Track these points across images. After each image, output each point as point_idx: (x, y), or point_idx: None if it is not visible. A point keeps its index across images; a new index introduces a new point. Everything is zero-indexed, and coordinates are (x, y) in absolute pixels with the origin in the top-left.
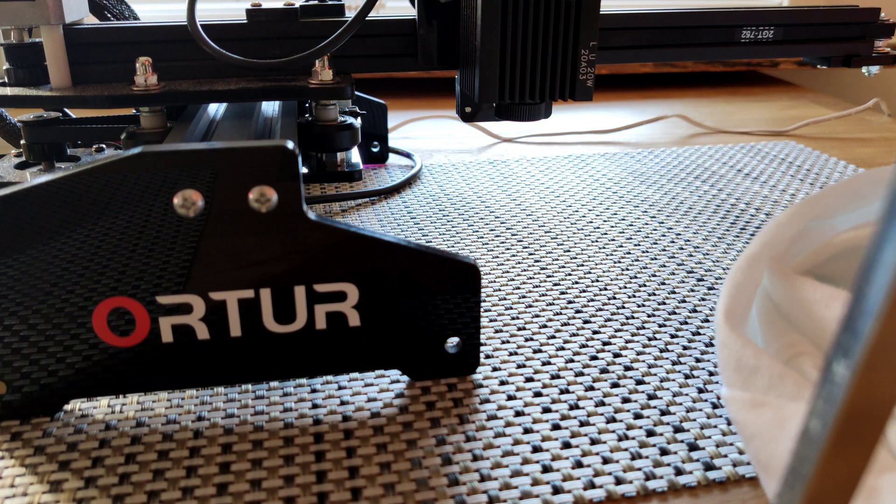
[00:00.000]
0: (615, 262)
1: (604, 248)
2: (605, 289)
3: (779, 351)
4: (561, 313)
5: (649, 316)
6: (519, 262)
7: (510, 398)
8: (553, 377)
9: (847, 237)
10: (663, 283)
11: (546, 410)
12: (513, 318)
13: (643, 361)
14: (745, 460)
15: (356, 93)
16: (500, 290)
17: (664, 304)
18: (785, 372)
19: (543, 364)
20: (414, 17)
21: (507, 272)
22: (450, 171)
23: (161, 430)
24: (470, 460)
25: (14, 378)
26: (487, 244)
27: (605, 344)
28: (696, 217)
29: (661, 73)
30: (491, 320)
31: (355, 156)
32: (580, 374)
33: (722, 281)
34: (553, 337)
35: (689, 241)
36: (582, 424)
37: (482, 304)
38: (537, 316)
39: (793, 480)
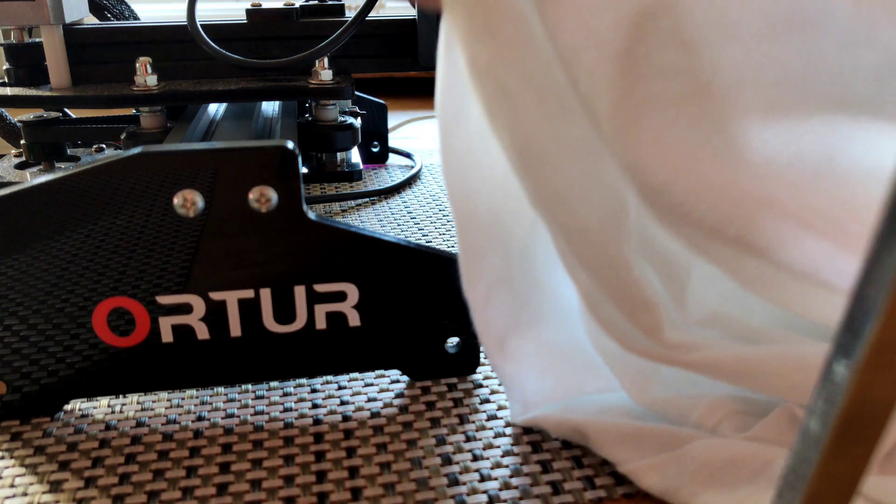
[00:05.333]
0: None
1: None
2: None
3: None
4: None
5: None
6: None
7: None
8: None
9: None
10: None
11: None
12: None
13: None
14: None
15: (356, 93)
16: None
17: None
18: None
19: None
20: (414, 17)
21: None
22: None
23: (161, 430)
24: (470, 460)
25: (14, 378)
26: None
27: None
28: None
29: None
30: None
31: (355, 156)
32: None
33: None
34: None
35: None
36: None
37: None
38: None
39: (793, 480)
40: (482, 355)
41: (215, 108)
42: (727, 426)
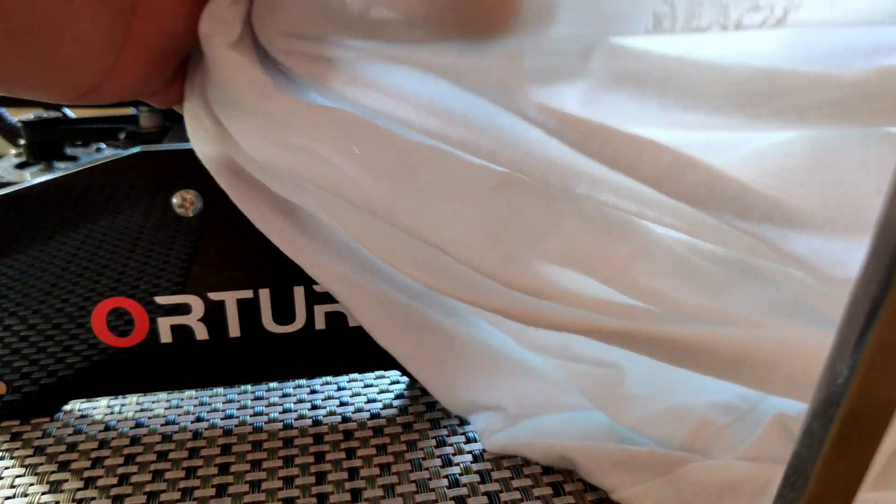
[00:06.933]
0: None
1: None
2: None
3: None
4: None
5: None
6: None
7: None
8: None
9: None
10: None
11: None
12: None
13: None
14: None
15: None
16: None
17: None
18: None
19: None
20: None
21: None
22: None
23: (160, 431)
24: (470, 461)
25: (14, 378)
26: None
27: None
28: None
29: None
30: None
31: None
32: None
33: None
34: None
35: None
36: None
37: None
38: None
39: (795, 479)
40: None
41: None
42: (716, 446)
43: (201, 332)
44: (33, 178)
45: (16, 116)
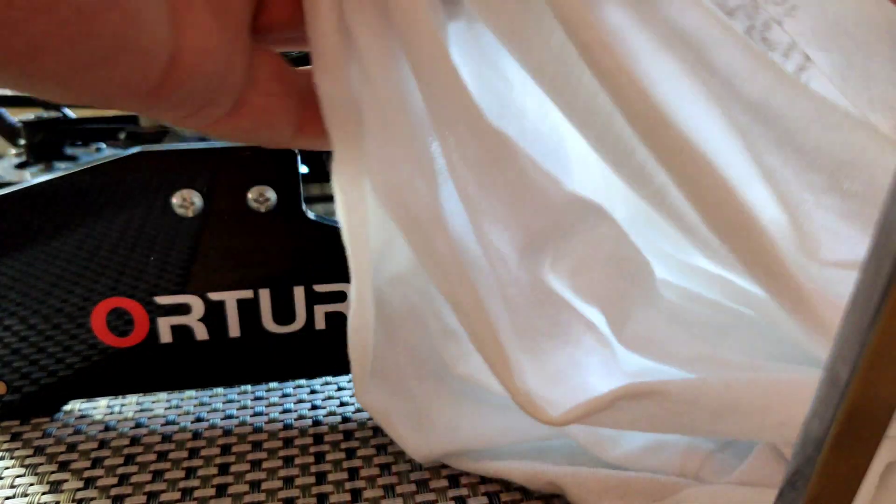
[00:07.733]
0: None
1: None
2: None
3: None
4: None
5: None
6: None
7: None
8: None
9: None
10: None
11: None
12: None
13: None
14: None
15: None
16: None
17: None
18: None
19: None
20: None
21: None
22: None
23: (160, 431)
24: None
25: (14, 378)
26: None
27: None
28: None
29: None
30: None
31: None
32: None
33: None
34: None
35: None
36: None
37: None
38: None
39: (794, 479)
40: None
41: None
42: (708, 470)
43: (201, 332)
44: (33, 178)
45: (16, 116)
